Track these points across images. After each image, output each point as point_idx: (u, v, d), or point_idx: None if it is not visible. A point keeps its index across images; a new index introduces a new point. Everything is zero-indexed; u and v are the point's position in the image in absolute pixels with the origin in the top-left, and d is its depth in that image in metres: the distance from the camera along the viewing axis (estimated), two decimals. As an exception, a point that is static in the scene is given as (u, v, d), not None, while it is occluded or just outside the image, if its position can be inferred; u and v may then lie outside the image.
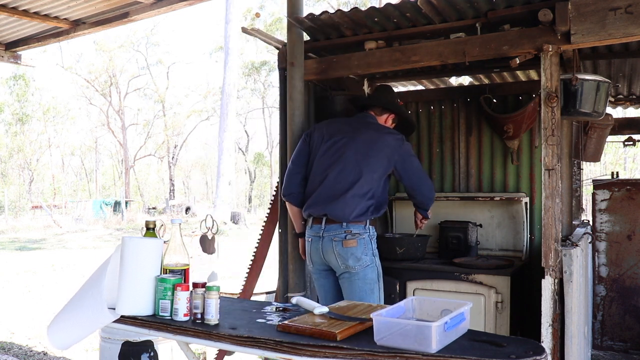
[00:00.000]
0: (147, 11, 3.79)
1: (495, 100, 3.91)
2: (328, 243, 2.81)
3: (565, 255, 2.72)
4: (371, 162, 2.87)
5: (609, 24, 2.56)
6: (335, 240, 2.80)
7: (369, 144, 2.89)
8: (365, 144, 2.90)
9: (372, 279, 2.85)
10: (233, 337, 1.52)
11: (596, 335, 4.40)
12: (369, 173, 2.86)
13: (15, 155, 28.78)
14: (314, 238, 2.87)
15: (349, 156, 2.89)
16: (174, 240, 1.80)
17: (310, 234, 2.90)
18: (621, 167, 18.56)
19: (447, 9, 2.92)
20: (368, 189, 2.85)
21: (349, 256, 2.79)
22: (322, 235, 2.82)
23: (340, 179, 2.86)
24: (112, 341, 3.10)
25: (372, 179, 2.87)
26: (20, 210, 23.63)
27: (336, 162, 2.90)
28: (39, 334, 5.38)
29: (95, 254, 11.96)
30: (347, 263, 2.79)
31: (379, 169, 2.88)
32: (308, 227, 2.93)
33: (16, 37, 4.46)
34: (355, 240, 2.79)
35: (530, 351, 1.32)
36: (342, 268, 2.82)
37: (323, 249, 2.83)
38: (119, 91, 31.03)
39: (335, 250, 2.79)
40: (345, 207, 2.81)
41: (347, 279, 2.83)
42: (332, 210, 2.81)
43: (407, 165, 2.94)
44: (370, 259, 2.85)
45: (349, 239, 2.78)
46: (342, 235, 2.79)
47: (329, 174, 2.90)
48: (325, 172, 2.91)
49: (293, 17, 3.23)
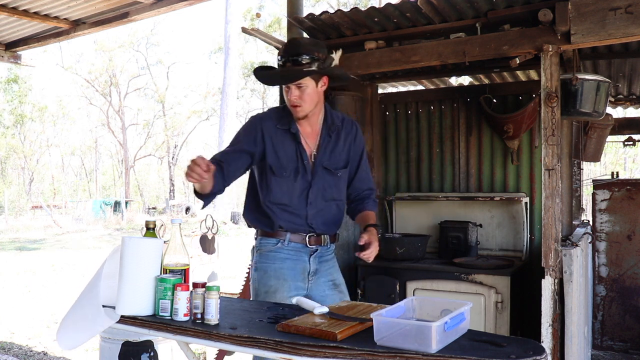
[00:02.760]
0: (147, 11, 3.79)
1: (495, 100, 3.91)
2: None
3: (565, 255, 2.72)
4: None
5: (609, 24, 2.56)
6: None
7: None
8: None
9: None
10: (233, 337, 1.52)
11: (596, 335, 4.40)
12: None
13: (14, 155, 28.77)
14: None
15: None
16: (174, 240, 1.80)
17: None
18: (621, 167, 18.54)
19: (447, 9, 2.92)
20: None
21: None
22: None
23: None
24: (112, 341, 3.10)
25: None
26: (20, 210, 23.62)
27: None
28: (39, 334, 5.38)
29: (95, 254, 11.96)
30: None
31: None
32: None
33: (16, 37, 4.46)
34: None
35: (530, 351, 1.32)
36: None
37: None
38: (119, 91, 31.02)
39: None
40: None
41: None
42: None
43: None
44: (252, 274, 2.39)
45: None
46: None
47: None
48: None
49: (293, 17, 3.23)
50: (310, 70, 2.17)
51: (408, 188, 4.24)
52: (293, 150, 2.29)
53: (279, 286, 2.25)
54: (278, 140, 2.28)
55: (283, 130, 2.29)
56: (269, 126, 2.29)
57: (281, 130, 2.29)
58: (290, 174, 2.27)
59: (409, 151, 4.24)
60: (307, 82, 2.18)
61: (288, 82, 2.19)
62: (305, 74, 2.16)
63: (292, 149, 2.28)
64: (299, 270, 2.31)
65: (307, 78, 2.17)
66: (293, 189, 2.28)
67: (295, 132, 2.28)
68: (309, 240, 2.30)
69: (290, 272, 2.28)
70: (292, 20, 3.22)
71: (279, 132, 2.29)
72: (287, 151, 2.28)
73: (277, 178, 2.27)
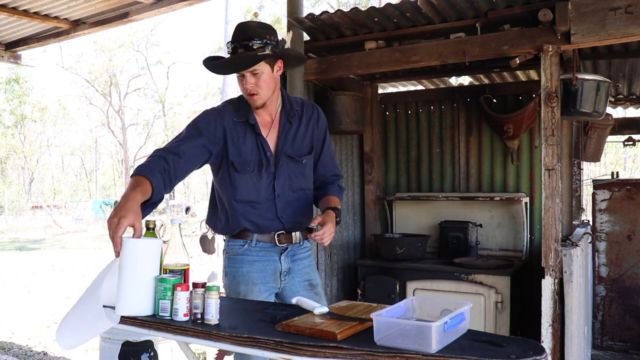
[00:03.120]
0: (147, 11, 3.79)
1: (495, 100, 3.91)
2: None
3: (565, 255, 2.72)
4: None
5: (609, 24, 2.56)
6: None
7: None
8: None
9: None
10: (233, 337, 1.52)
11: (596, 335, 4.40)
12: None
13: (14, 155, 28.77)
14: None
15: None
16: (174, 240, 1.80)
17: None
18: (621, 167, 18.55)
19: (447, 9, 2.92)
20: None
21: None
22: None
23: None
24: (112, 341, 3.10)
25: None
26: (20, 210, 23.62)
27: None
28: (39, 334, 5.38)
29: (95, 254, 11.96)
30: None
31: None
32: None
33: (16, 37, 4.45)
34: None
35: (530, 351, 1.31)
36: None
37: None
38: (119, 91, 31.01)
39: None
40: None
41: None
42: None
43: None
44: (223, 279, 2.30)
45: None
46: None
47: None
48: None
49: (293, 17, 3.23)
50: (265, 54, 2.01)
51: (408, 188, 4.24)
52: (254, 142, 2.15)
53: (248, 291, 2.14)
54: (238, 135, 2.14)
55: (241, 123, 2.14)
56: (228, 121, 2.14)
57: (239, 123, 2.14)
58: (254, 169, 2.14)
59: (409, 151, 4.24)
60: (262, 67, 2.03)
61: (242, 68, 2.02)
62: (259, 58, 2.00)
63: (252, 141, 2.15)
64: (269, 271, 2.18)
65: (261, 63, 2.02)
66: (259, 184, 2.14)
67: (253, 123, 2.14)
68: (278, 238, 2.17)
69: (260, 274, 2.16)
70: (292, 20, 3.22)
71: (237, 125, 2.14)
72: (248, 145, 2.14)
73: (241, 174, 2.13)
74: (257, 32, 2.03)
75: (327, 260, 3.81)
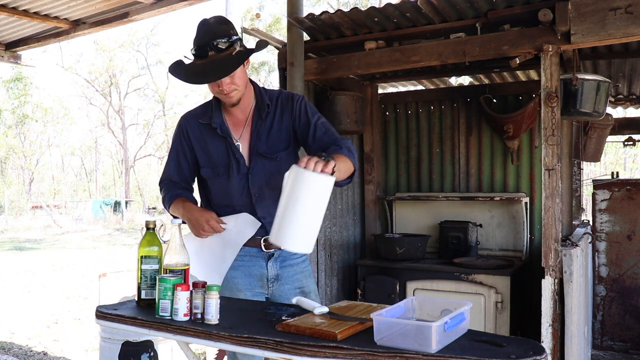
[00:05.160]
0: (147, 11, 3.79)
1: (495, 100, 3.91)
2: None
3: (565, 255, 2.72)
4: None
5: (609, 24, 2.56)
6: None
7: None
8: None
9: None
10: (233, 337, 1.52)
11: (596, 335, 4.40)
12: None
13: (14, 155, 28.77)
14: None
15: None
16: (174, 240, 1.80)
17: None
18: (621, 167, 18.54)
19: (447, 9, 2.92)
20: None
21: None
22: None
23: None
24: (112, 341, 3.10)
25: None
26: (20, 210, 23.62)
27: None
28: (39, 334, 5.38)
29: (95, 254, 11.96)
30: None
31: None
32: None
33: (16, 37, 4.45)
34: None
35: (530, 351, 1.31)
36: None
37: None
38: (119, 91, 31.02)
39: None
40: None
41: None
42: None
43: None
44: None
45: None
46: None
47: None
48: None
49: (293, 17, 3.23)
50: (241, 55, 1.91)
51: (408, 188, 4.24)
52: (222, 144, 2.07)
53: (232, 298, 2.04)
54: (204, 138, 2.07)
55: (205, 126, 2.07)
56: (192, 125, 2.08)
57: (204, 126, 2.07)
58: (224, 172, 2.06)
59: (409, 151, 4.24)
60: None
61: (223, 75, 1.91)
62: (239, 61, 1.90)
63: (220, 143, 2.07)
64: (254, 277, 2.09)
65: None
66: (231, 187, 2.06)
67: (216, 127, 2.05)
68: (264, 244, 2.07)
69: (244, 280, 2.07)
70: (292, 20, 3.22)
71: (202, 128, 2.07)
72: (216, 147, 2.06)
73: (212, 179, 2.08)
74: (223, 30, 1.93)
75: (327, 260, 3.81)
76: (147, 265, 1.83)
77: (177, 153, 2.15)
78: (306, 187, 1.64)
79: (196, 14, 56.06)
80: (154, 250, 1.83)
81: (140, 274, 1.83)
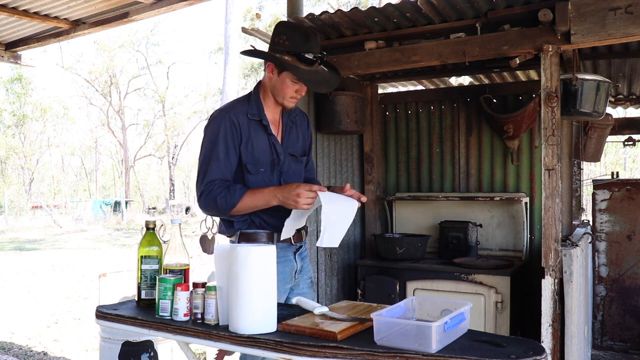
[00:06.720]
0: (147, 11, 3.79)
1: (495, 100, 3.91)
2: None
3: (565, 255, 2.72)
4: None
5: (609, 24, 2.56)
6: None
7: None
8: None
9: None
10: (233, 337, 1.52)
11: (596, 335, 4.40)
12: None
13: (14, 155, 28.77)
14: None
15: None
16: (174, 240, 1.80)
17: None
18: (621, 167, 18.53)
19: (447, 9, 2.92)
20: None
21: None
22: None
23: None
24: (112, 341, 3.10)
25: None
26: (20, 210, 23.62)
27: None
28: (39, 334, 5.38)
29: (95, 254, 11.96)
30: None
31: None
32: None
33: (16, 37, 4.45)
34: None
35: (530, 351, 1.32)
36: None
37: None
38: (119, 91, 31.03)
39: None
40: None
41: None
42: None
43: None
44: None
45: None
46: None
47: None
48: None
49: (293, 17, 3.23)
50: (339, 74, 2.19)
51: (408, 188, 4.24)
52: (266, 141, 2.11)
53: None
54: (250, 134, 2.09)
55: (255, 122, 2.10)
56: (243, 120, 2.08)
57: (253, 122, 2.10)
58: (267, 169, 2.11)
59: (409, 151, 4.24)
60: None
61: (330, 89, 2.17)
62: (338, 79, 2.18)
63: (264, 140, 2.11)
64: (287, 272, 2.15)
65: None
66: (270, 184, 2.10)
67: (267, 124, 2.12)
68: (293, 237, 2.16)
69: (279, 276, 1.99)
70: (292, 20, 3.22)
71: (251, 124, 2.09)
72: (260, 144, 2.10)
73: (253, 176, 2.09)
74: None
75: (327, 260, 3.81)
76: (147, 265, 1.83)
77: (226, 150, 2.06)
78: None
79: (196, 14, 56.07)
80: (154, 250, 1.84)
81: (140, 274, 1.83)
